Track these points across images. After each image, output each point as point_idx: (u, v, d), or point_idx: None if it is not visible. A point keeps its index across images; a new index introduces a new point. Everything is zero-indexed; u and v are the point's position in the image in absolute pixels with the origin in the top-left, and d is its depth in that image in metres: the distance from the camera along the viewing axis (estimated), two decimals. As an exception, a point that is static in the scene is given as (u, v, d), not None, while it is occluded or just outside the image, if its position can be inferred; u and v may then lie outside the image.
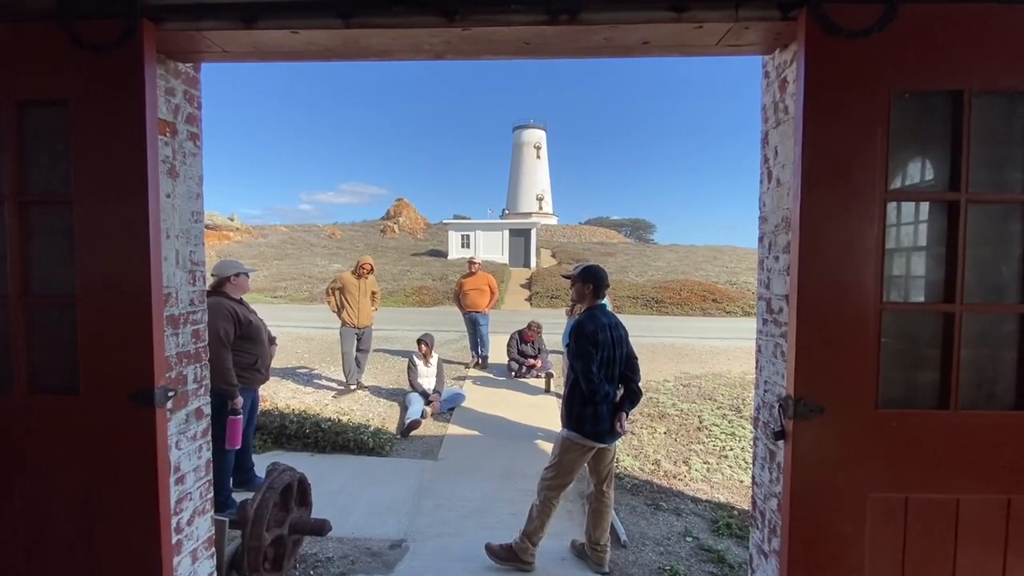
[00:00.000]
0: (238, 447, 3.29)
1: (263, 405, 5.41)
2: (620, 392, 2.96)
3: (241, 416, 3.25)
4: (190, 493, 1.85)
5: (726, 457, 4.49)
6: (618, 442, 3.55)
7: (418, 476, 4.16)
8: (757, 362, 1.84)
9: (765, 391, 1.78)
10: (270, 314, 14.41)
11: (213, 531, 2.00)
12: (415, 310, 15.79)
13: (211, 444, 1.98)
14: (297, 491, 2.84)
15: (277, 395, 6.29)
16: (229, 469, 3.50)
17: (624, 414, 2.89)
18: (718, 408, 5.63)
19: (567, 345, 4.87)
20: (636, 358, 3.04)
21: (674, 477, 4.18)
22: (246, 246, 29.59)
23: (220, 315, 3.28)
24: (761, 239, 1.84)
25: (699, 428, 5.09)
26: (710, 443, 4.76)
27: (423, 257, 29.02)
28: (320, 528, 2.72)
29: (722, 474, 4.22)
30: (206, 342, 1.96)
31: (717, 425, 5.11)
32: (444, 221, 31.73)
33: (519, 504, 3.72)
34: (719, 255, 31.44)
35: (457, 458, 4.55)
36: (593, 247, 34.68)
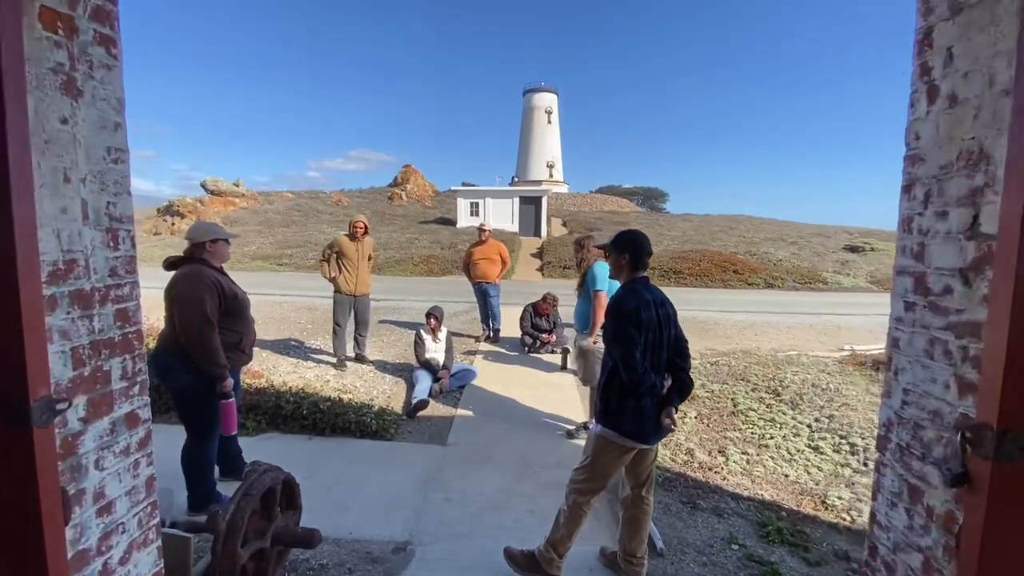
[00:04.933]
0: (234, 432, 2.90)
1: (258, 381, 5.03)
2: (667, 382, 2.47)
3: (234, 399, 2.83)
4: (123, 523, 1.41)
5: (766, 447, 4.04)
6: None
7: (425, 464, 3.76)
8: (890, 361, 1.33)
9: (907, 403, 1.27)
10: (274, 282, 14.09)
11: (161, 565, 1.56)
12: (423, 279, 15.34)
13: (146, 454, 1.52)
14: (282, 494, 2.42)
15: (276, 369, 5.90)
16: (212, 460, 3.10)
17: (672, 409, 2.41)
18: (753, 390, 5.15)
19: (580, 330, 4.38)
20: (686, 341, 2.54)
21: (710, 469, 3.74)
22: (252, 212, 29.11)
23: (203, 286, 2.80)
24: (909, 188, 1.29)
25: (733, 413, 4.63)
26: (747, 430, 4.30)
27: (431, 225, 28.40)
28: (308, 539, 2.31)
29: (763, 467, 3.77)
30: (140, 325, 1.47)
31: (753, 410, 4.64)
32: (453, 188, 30.90)
33: (538, 500, 3.32)
34: (735, 225, 30.53)
35: (468, 443, 4.14)
36: (605, 216, 33.79)
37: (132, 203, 1.43)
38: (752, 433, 4.25)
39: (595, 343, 3.86)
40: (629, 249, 2.50)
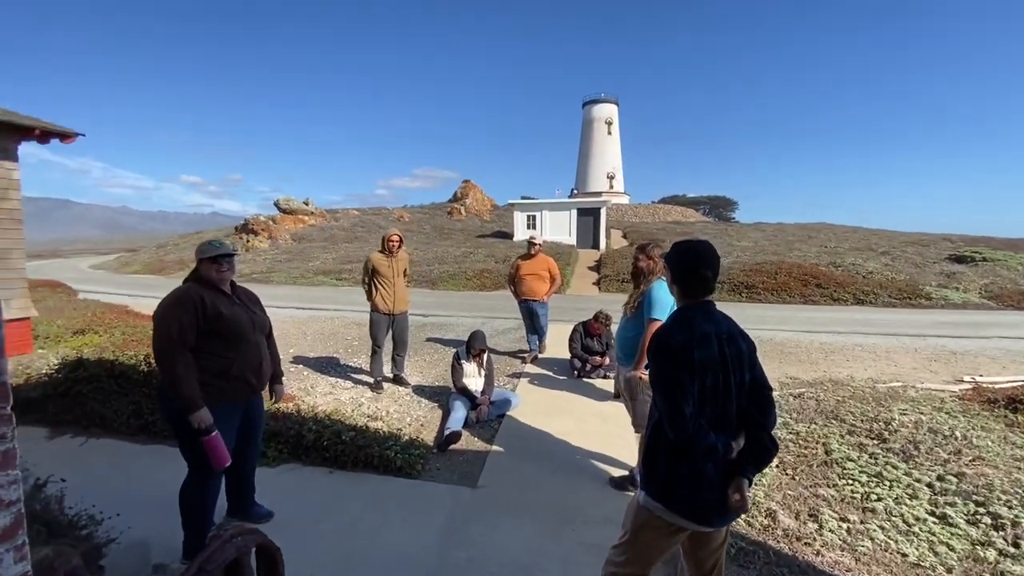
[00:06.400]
0: (227, 464, 2.56)
1: (287, 405, 4.80)
2: (739, 442, 1.85)
3: (214, 434, 2.51)
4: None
5: (873, 512, 3.19)
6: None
7: (450, 511, 3.29)
8: None
9: None
10: (332, 297, 14.32)
11: None
12: (475, 294, 15.08)
13: (15, 547, 1.15)
14: (259, 562, 2.03)
15: (313, 390, 5.71)
16: (209, 501, 2.80)
17: (743, 481, 1.78)
18: (849, 433, 4.24)
19: (622, 360, 3.61)
20: (769, 388, 1.89)
21: (798, 539, 2.97)
22: (319, 229, 30.53)
23: (178, 305, 2.54)
24: None
25: (826, 462, 3.78)
26: (846, 487, 3.45)
27: (488, 239, 28.39)
28: (281, 626, 1.89)
29: (871, 540, 2.94)
30: (1, 376, 1.11)
31: (852, 460, 3.77)
32: (511, 202, 30.80)
33: (577, 567, 2.72)
34: (813, 234, 28.12)
35: (501, 486, 3.62)
36: (668, 227, 32.31)
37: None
38: (852, 492, 3.40)
39: (642, 378, 3.23)
40: (674, 266, 1.92)
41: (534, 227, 26.80)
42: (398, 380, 5.87)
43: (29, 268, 7.66)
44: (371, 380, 5.82)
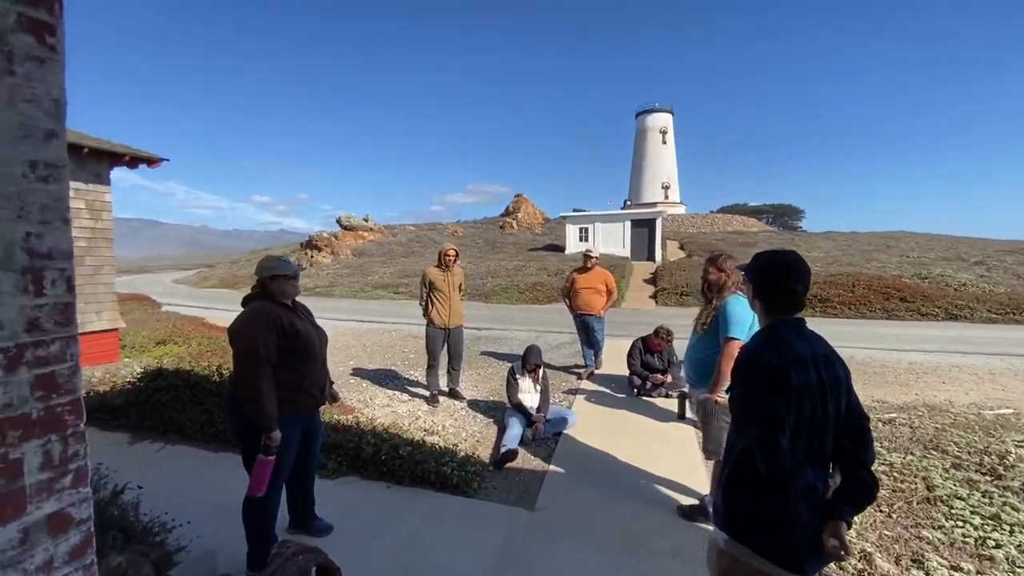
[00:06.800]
0: (260, 495, 2.54)
1: (347, 417, 4.89)
2: (834, 480, 1.63)
3: (272, 458, 2.52)
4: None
5: (992, 560, 2.76)
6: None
7: (507, 533, 3.17)
8: None
9: None
10: (390, 310, 14.74)
11: None
12: (528, 307, 15.00)
13: (83, 566, 1.15)
14: (318, 580, 2.00)
15: (372, 402, 5.80)
16: (271, 513, 2.83)
17: (841, 524, 1.56)
18: (954, 466, 3.75)
19: (692, 382, 3.32)
20: (865, 417, 1.68)
21: (900, 588, 2.61)
22: (378, 244, 31.69)
23: (260, 323, 2.60)
24: None
25: (928, 500, 3.34)
26: (955, 530, 3.02)
27: (540, 252, 28.35)
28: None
29: (993, 595, 2.54)
30: (76, 394, 1.13)
31: (961, 498, 3.31)
32: (562, 215, 30.68)
33: (644, 606, 2.54)
34: (892, 242, 26.07)
35: (560, 509, 3.47)
36: (728, 237, 31.00)
37: (69, 234, 1.10)
38: (963, 535, 2.97)
39: (718, 402, 2.98)
40: (755, 278, 1.74)
41: (586, 239, 26.49)
42: (453, 394, 5.86)
43: (121, 283, 8.35)
44: (427, 393, 5.84)
